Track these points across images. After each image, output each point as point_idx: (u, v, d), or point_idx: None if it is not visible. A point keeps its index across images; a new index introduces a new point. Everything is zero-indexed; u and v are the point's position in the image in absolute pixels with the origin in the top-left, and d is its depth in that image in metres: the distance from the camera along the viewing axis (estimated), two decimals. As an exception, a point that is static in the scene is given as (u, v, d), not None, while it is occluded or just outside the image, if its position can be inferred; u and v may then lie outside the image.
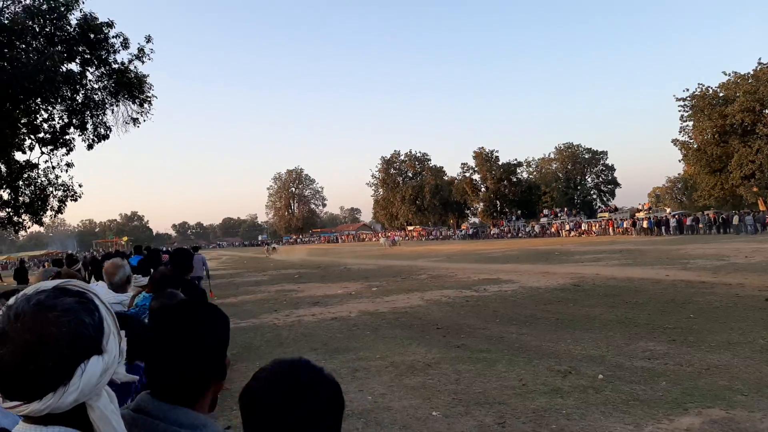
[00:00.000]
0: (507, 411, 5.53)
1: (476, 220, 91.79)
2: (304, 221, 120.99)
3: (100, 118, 19.40)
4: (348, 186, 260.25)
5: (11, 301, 0.98)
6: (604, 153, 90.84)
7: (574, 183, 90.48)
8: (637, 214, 54.44)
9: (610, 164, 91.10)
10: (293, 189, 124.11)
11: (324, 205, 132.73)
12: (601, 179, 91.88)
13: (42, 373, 0.92)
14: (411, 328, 10.46)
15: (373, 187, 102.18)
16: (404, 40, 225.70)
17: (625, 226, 51.03)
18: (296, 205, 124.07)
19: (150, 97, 20.51)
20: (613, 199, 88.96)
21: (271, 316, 12.85)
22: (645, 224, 47.45)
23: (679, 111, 51.30)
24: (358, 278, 22.03)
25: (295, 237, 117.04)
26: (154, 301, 3.05)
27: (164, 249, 15.23)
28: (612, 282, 15.72)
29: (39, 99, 17.35)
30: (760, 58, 46.03)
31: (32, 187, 19.20)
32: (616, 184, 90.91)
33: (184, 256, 4.61)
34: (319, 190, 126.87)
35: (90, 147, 19.51)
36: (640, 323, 9.67)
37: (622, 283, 15.28)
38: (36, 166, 18.84)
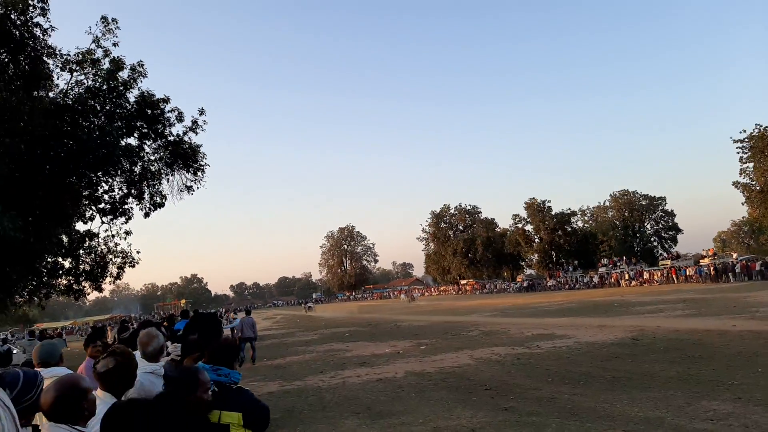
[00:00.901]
0: (553, 481, 5.20)
1: (532, 271, 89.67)
2: (356, 278, 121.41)
3: (156, 187, 20.31)
4: (400, 241, 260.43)
5: None
6: (662, 199, 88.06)
7: (633, 230, 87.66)
8: (701, 261, 51.95)
9: (669, 210, 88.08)
10: (345, 246, 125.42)
11: (376, 261, 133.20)
12: (660, 226, 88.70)
13: None
14: (458, 389, 10.12)
15: (423, 242, 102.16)
16: (452, 94, 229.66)
17: (688, 273, 48.65)
18: (348, 262, 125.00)
19: (203, 166, 21.38)
20: (675, 245, 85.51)
21: (316, 378, 12.74)
22: (712, 270, 45.15)
23: (738, 152, 49.52)
24: (407, 336, 21.69)
25: (348, 294, 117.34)
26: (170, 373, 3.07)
27: (204, 312, 15.47)
28: (674, 335, 14.86)
29: (100, 172, 18.39)
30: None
31: (92, 255, 20.13)
32: (678, 230, 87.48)
33: (207, 323, 4.65)
34: (371, 246, 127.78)
35: (147, 215, 20.37)
36: (703, 380, 9.05)
37: (684, 336, 14.42)
38: (96, 235, 19.81)
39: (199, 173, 21.36)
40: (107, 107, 18.28)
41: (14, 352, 20.53)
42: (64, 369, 4.11)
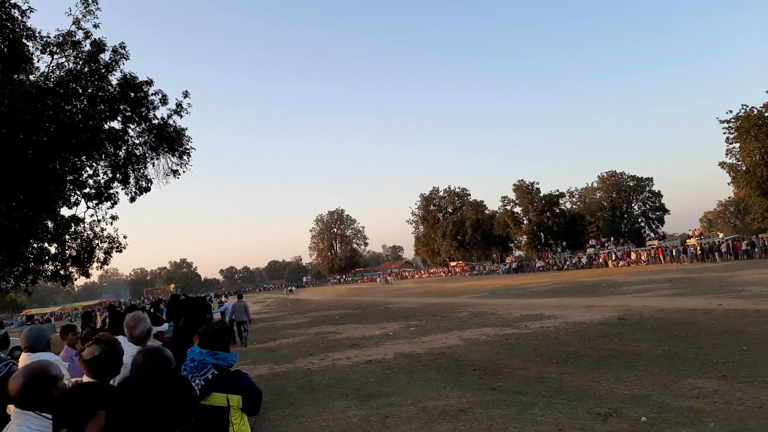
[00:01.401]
0: (540, 460, 5.24)
1: (521, 253, 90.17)
2: (346, 261, 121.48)
3: (142, 171, 20.04)
4: (390, 224, 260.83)
5: None
6: (650, 179, 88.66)
7: (620, 211, 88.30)
8: (688, 241, 52.47)
9: (656, 191, 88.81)
10: (335, 230, 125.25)
11: (366, 244, 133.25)
12: (648, 206, 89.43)
13: None
14: (446, 370, 10.18)
15: (413, 225, 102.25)
16: (437, 71, 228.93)
17: (674, 253, 49.11)
18: (338, 245, 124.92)
19: (189, 149, 21.13)
20: (662, 226, 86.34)
21: (306, 360, 12.75)
22: (698, 250, 45.60)
23: (724, 133, 49.68)
24: (397, 318, 21.77)
25: (338, 277, 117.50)
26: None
27: (191, 297, 15.70)
28: (660, 314, 15.02)
29: (84, 156, 18.09)
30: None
31: (78, 241, 19.88)
32: (665, 211, 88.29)
33: (194, 308, 4.62)
34: (361, 229, 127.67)
35: (132, 200, 20.13)
36: (689, 358, 9.15)
37: (671, 315, 14.58)
38: (82, 220, 19.51)
39: (185, 157, 21.10)
40: (89, 90, 17.94)
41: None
42: (51, 355, 4.05)
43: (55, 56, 17.59)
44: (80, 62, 17.52)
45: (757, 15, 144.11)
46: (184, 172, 21.10)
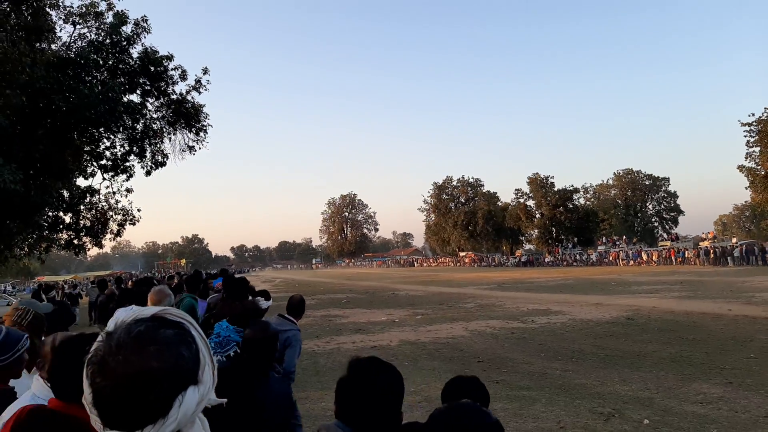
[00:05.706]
0: (540, 456, 5.25)
1: (531, 246, 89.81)
2: (356, 245, 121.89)
3: (158, 146, 20.19)
4: (401, 211, 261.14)
5: (111, 327, 0.97)
6: (666, 179, 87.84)
7: (634, 210, 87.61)
8: (701, 243, 51.94)
9: (672, 191, 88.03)
10: (346, 214, 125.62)
11: (376, 230, 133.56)
12: (663, 206, 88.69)
13: (142, 406, 0.91)
14: (451, 360, 10.21)
15: (424, 213, 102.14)
16: (458, 63, 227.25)
17: (686, 255, 48.65)
18: (349, 229, 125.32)
19: (206, 126, 21.22)
20: (675, 227, 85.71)
21: (311, 343, 12.82)
22: (711, 254, 45.12)
23: (745, 136, 48.82)
24: (404, 305, 21.82)
25: (348, 261, 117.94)
26: (249, 331, 3.06)
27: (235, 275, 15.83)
28: (669, 316, 14.92)
29: (102, 128, 18.21)
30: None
31: (93, 212, 20.14)
32: (679, 212, 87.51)
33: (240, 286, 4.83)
34: (372, 215, 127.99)
35: (148, 173, 20.30)
36: (696, 362, 9.10)
37: (679, 318, 14.48)
38: (97, 191, 19.75)
39: (202, 134, 21.21)
40: (110, 62, 18.02)
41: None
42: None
43: (78, 27, 17.67)
44: (102, 34, 17.59)
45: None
46: (200, 148, 21.24)
